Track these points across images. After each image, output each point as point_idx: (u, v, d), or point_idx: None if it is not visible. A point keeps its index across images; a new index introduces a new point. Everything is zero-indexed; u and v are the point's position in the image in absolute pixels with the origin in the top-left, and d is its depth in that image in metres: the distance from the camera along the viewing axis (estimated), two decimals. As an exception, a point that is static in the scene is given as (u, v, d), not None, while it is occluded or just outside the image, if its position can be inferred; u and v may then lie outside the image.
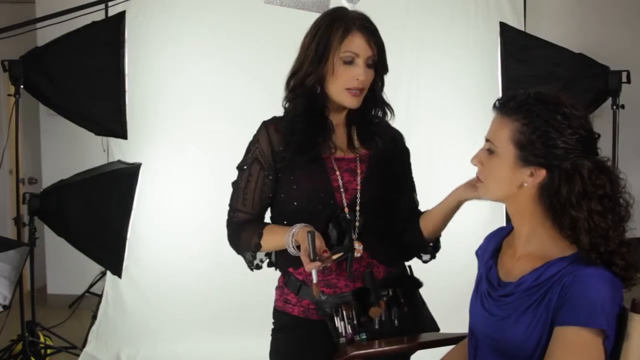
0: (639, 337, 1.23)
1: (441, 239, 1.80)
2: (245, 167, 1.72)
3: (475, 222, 3.45)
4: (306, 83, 1.67)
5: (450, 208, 1.65)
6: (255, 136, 1.74)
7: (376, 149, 1.74)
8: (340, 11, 1.69)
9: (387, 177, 1.75)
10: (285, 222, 1.67)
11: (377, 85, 1.71)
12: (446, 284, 3.31)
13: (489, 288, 1.41)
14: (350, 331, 1.62)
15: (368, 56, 1.64)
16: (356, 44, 1.63)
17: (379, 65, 1.68)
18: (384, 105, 1.76)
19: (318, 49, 1.64)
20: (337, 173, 1.69)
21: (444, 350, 1.62)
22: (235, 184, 1.75)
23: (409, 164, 1.85)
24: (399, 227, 1.76)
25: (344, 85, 1.64)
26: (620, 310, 1.25)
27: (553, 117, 1.28)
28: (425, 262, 1.82)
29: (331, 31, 1.63)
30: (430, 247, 1.77)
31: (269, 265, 1.80)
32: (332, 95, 1.67)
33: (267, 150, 1.70)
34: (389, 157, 1.76)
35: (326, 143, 1.69)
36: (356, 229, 1.68)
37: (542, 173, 1.30)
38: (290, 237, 1.60)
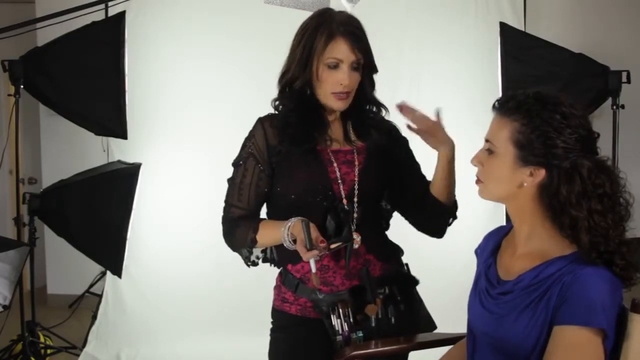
0: (639, 337, 1.23)
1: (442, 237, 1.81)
2: (240, 163, 1.73)
3: (475, 221, 3.45)
4: (294, 86, 1.68)
5: (442, 165, 1.67)
6: (250, 132, 1.74)
7: (372, 140, 1.75)
8: (326, 15, 1.69)
9: (384, 168, 1.76)
10: (282, 216, 1.66)
11: (365, 86, 1.72)
12: (446, 284, 3.31)
13: (488, 286, 1.41)
14: (347, 329, 1.63)
15: (352, 61, 1.65)
16: (339, 50, 1.64)
17: (365, 67, 1.69)
18: (377, 104, 1.77)
19: (303, 53, 1.66)
20: (335, 165, 1.69)
21: (443, 350, 1.63)
22: (230, 180, 1.75)
23: (409, 150, 1.84)
24: (419, 204, 1.75)
25: (329, 89, 1.66)
26: (620, 310, 1.25)
27: (552, 117, 1.28)
28: (449, 224, 1.81)
29: (316, 36, 1.64)
30: (452, 208, 1.77)
31: (264, 260, 1.80)
32: (320, 98, 1.69)
33: (262, 145, 1.70)
34: (386, 149, 1.77)
35: (322, 137, 1.70)
36: (354, 220, 1.68)
37: (541, 173, 1.30)
38: (286, 231, 1.60)
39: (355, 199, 1.69)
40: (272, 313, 1.79)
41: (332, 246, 1.57)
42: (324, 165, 1.69)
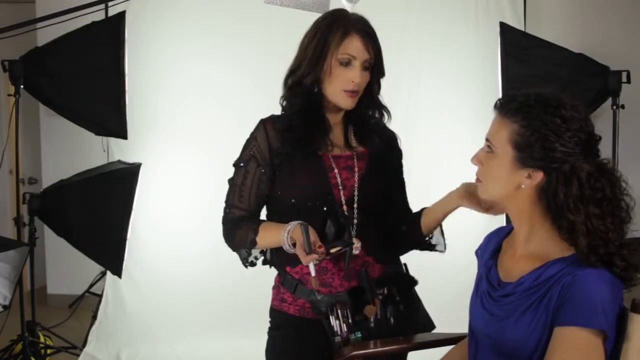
0: (639, 338, 1.23)
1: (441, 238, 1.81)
2: (242, 164, 1.73)
3: (475, 222, 3.44)
4: (304, 82, 1.68)
5: (448, 210, 1.69)
6: (252, 134, 1.75)
7: (372, 147, 1.76)
8: (340, 13, 1.71)
9: (383, 175, 1.77)
10: (282, 219, 1.67)
11: (373, 87, 1.73)
12: (446, 284, 3.32)
13: (489, 288, 1.41)
14: (346, 330, 1.62)
15: (365, 59, 1.66)
16: (354, 46, 1.65)
17: (375, 68, 1.70)
18: (381, 108, 1.78)
19: (316, 50, 1.66)
20: (335, 170, 1.70)
21: (444, 350, 1.63)
22: (231, 181, 1.76)
23: (400, 164, 1.87)
24: (396, 223, 1.77)
25: (340, 86, 1.66)
26: (620, 310, 1.25)
27: (551, 120, 1.27)
28: (441, 252, 1.82)
29: (330, 32, 1.65)
30: (427, 243, 1.79)
31: (264, 262, 1.81)
32: (329, 95, 1.69)
33: (264, 147, 1.71)
34: (385, 156, 1.79)
35: (323, 140, 1.71)
36: (354, 226, 1.68)
37: (539, 175, 1.30)
38: (285, 234, 1.61)
39: (355, 205, 1.69)
40: (271, 312, 1.80)
41: (332, 251, 1.58)
42: (325, 171, 1.69)
